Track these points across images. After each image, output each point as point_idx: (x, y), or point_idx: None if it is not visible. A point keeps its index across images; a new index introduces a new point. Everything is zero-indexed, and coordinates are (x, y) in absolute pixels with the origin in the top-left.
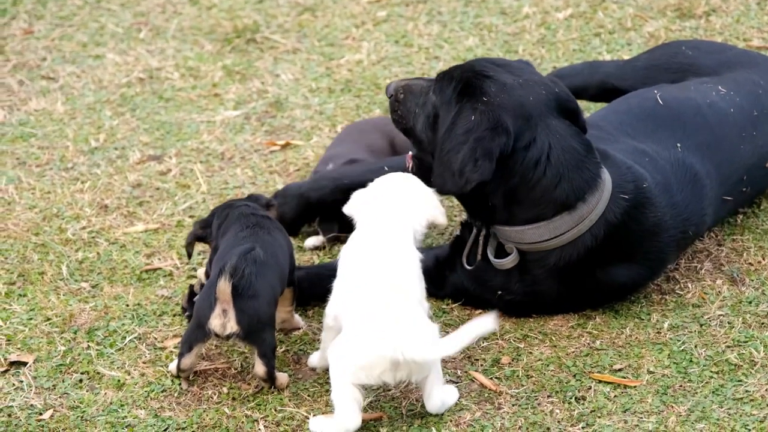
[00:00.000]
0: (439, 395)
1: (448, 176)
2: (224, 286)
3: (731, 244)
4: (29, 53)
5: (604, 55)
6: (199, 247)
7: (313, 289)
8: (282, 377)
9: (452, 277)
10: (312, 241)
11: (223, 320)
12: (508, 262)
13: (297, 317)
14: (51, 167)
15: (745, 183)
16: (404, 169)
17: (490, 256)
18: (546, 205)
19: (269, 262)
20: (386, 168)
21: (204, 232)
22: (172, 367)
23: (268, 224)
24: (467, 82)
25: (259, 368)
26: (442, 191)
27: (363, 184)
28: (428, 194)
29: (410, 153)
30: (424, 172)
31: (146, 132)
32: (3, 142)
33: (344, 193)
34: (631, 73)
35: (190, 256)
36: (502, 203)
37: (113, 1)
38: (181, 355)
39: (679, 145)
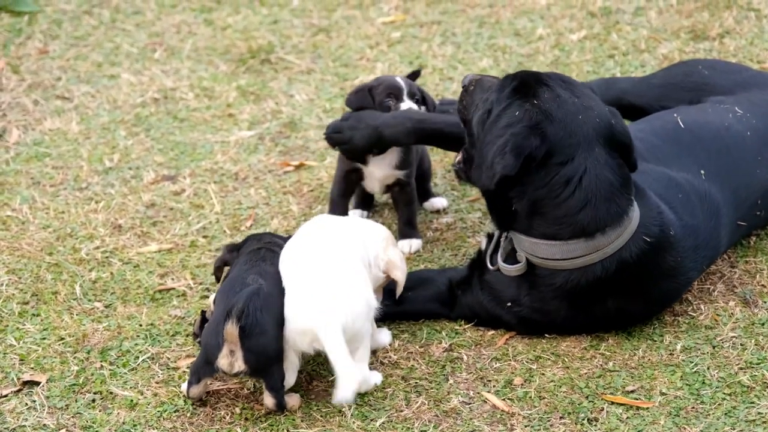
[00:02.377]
0: (359, 373)
1: (484, 168)
2: (231, 329)
3: (744, 266)
4: (44, 73)
5: (618, 77)
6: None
7: None
8: (292, 400)
9: (465, 298)
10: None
11: (230, 359)
12: (515, 269)
13: None
14: (65, 187)
15: (760, 207)
16: None
17: (500, 260)
18: (565, 226)
19: (273, 293)
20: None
21: (231, 256)
22: (184, 387)
23: (269, 256)
24: (525, 82)
25: (268, 400)
26: (476, 184)
27: (442, 134)
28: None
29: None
30: (469, 166)
31: (160, 152)
32: (18, 162)
33: (420, 137)
34: (647, 90)
35: (218, 279)
36: (525, 211)
37: (128, 22)
38: (189, 384)
39: (703, 172)
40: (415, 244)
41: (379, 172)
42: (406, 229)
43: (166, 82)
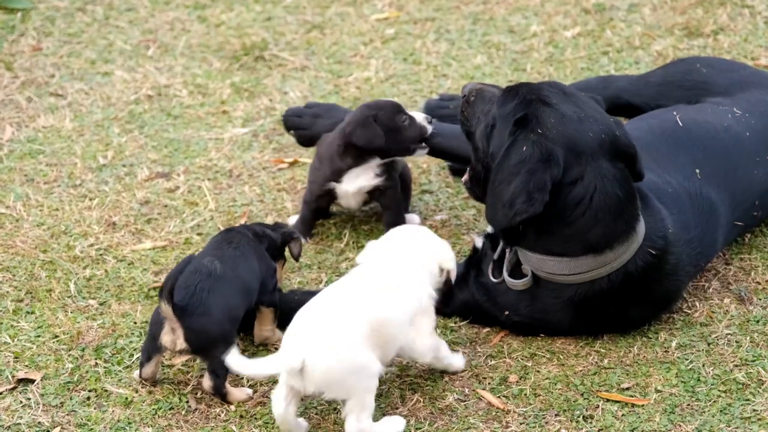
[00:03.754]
0: (355, 424)
1: (499, 207)
2: (165, 306)
3: (739, 263)
4: (38, 70)
5: (612, 74)
6: None
7: None
8: (236, 394)
9: (461, 295)
10: None
11: (173, 337)
12: (521, 284)
13: (279, 334)
14: (59, 184)
15: (757, 208)
16: None
17: (505, 274)
18: (575, 244)
19: (228, 276)
20: None
21: None
22: (136, 374)
23: (243, 243)
24: (527, 102)
25: (206, 382)
26: (492, 223)
27: None
28: (439, 242)
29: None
30: (476, 183)
31: (154, 149)
32: (11, 159)
33: None
34: (645, 88)
35: None
36: (534, 231)
37: (121, 19)
38: (141, 365)
39: (698, 171)
40: None
41: (353, 187)
42: None
43: (159, 79)
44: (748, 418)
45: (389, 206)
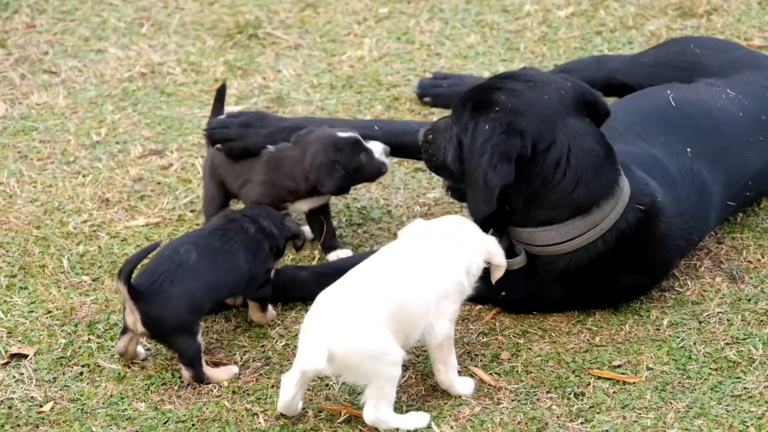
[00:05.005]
0: (373, 412)
1: (480, 194)
2: (121, 289)
3: (731, 242)
4: (31, 47)
5: (606, 53)
6: None
7: (317, 288)
8: (219, 374)
9: None
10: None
11: (133, 319)
12: (516, 263)
13: (273, 313)
14: (52, 161)
15: (750, 188)
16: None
17: None
18: (562, 208)
19: (199, 269)
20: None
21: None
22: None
23: (235, 238)
24: (477, 100)
25: (184, 373)
26: (477, 214)
27: None
28: (485, 236)
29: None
30: (457, 191)
31: (148, 126)
32: (5, 136)
33: None
34: (638, 69)
35: None
36: (522, 206)
37: None
38: (119, 338)
39: (689, 150)
40: (342, 253)
41: (306, 206)
42: (333, 241)
43: (153, 57)
44: (738, 396)
45: (328, 215)
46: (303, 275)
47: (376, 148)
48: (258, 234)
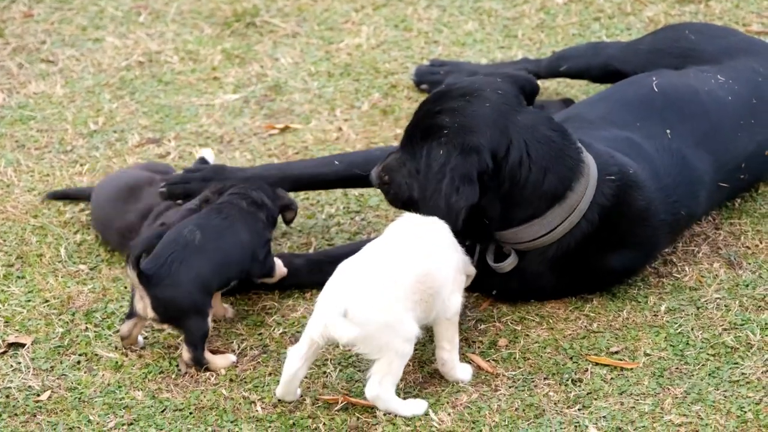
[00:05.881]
0: (376, 387)
1: (444, 218)
2: (131, 275)
3: (729, 228)
4: (29, 36)
5: (604, 39)
6: None
7: (312, 276)
8: (218, 361)
9: None
10: None
11: (142, 304)
12: (507, 264)
13: (281, 270)
14: (50, 150)
15: (744, 171)
16: None
17: (490, 262)
18: (538, 202)
19: (206, 248)
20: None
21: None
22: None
23: (233, 213)
24: (423, 128)
25: (185, 354)
26: None
27: (312, 176)
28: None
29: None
30: None
31: (145, 115)
32: (2, 125)
33: (294, 185)
34: (634, 56)
35: None
36: (499, 212)
37: None
38: (123, 323)
39: (668, 131)
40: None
41: None
42: None
43: (150, 46)
44: (736, 382)
45: None
46: (297, 263)
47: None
48: (251, 206)
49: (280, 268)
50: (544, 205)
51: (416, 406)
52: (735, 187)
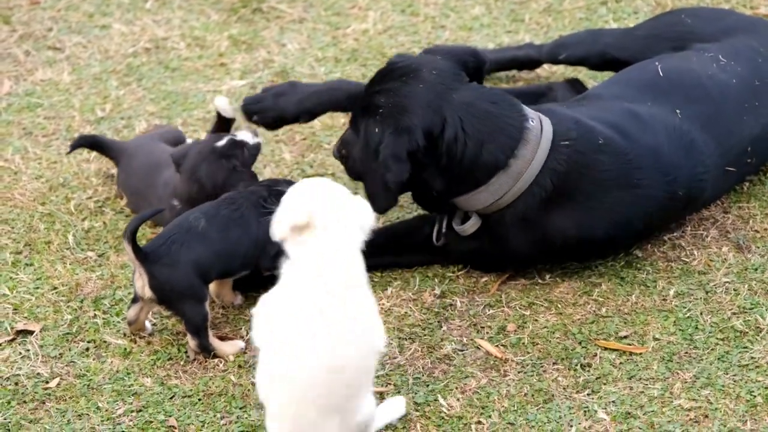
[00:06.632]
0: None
1: (380, 193)
2: (127, 248)
3: (737, 212)
4: (35, 24)
5: (611, 24)
6: None
7: None
8: (225, 348)
9: (417, 256)
10: None
11: (141, 283)
12: (469, 226)
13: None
14: (57, 137)
15: (750, 154)
16: None
17: (455, 226)
18: (479, 172)
19: (209, 236)
20: None
21: None
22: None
23: (245, 206)
24: (363, 106)
25: (190, 342)
26: (380, 211)
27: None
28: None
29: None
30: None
31: (152, 102)
32: (9, 113)
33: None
34: (631, 43)
35: None
36: (444, 184)
37: None
38: (129, 308)
39: (678, 111)
40: None
41: None
42: None
43: (157, 32)
44: (745, 366)
45: None
46: None
47: (246, 136)
48: (272, 200)
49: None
50: (485, 174)
51: (395, 405)
52: (743, 171)
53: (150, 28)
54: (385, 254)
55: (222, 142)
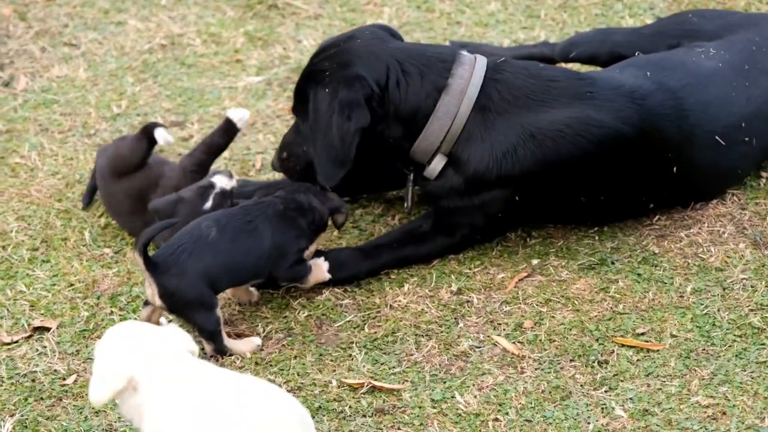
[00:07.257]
0: None
1: (334, 155)
2: (137, 260)
3: (754, 208)
4: (51, 20)
5: (627, 20)
6: None
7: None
8: (241, 347)
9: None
10: None
11: (151, 291)
12: (436, 163)
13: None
14: (73, 134)
15: (746, 132)
16: None
17: (425, 173)
18: (425, 101)
19: (219, 246)
20: None
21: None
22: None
23: (261, 217)
24: (306, 83)
25: (207, 347)
26: (333, 180)
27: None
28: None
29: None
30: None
31: (168, 98)
32: (26, 109)
33: None
34: (638, 41)
35: None
36: (401, 131)
37: None
38: (142, 310)
39: (648, 73)
40: None
41: None
42: None
43: (173, 28)
44: (763, 362)
45: None
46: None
47: (223, 181)
48: (291, 211)
49: (319, 275)
50: (431, 100)
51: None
52: (743, 151)
53: (165, 24)
54: (401, 248)
55: (209, 203)
